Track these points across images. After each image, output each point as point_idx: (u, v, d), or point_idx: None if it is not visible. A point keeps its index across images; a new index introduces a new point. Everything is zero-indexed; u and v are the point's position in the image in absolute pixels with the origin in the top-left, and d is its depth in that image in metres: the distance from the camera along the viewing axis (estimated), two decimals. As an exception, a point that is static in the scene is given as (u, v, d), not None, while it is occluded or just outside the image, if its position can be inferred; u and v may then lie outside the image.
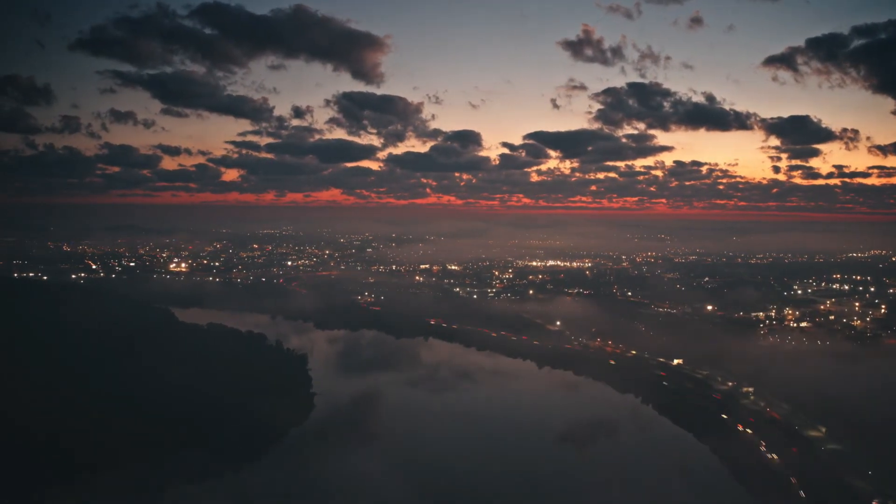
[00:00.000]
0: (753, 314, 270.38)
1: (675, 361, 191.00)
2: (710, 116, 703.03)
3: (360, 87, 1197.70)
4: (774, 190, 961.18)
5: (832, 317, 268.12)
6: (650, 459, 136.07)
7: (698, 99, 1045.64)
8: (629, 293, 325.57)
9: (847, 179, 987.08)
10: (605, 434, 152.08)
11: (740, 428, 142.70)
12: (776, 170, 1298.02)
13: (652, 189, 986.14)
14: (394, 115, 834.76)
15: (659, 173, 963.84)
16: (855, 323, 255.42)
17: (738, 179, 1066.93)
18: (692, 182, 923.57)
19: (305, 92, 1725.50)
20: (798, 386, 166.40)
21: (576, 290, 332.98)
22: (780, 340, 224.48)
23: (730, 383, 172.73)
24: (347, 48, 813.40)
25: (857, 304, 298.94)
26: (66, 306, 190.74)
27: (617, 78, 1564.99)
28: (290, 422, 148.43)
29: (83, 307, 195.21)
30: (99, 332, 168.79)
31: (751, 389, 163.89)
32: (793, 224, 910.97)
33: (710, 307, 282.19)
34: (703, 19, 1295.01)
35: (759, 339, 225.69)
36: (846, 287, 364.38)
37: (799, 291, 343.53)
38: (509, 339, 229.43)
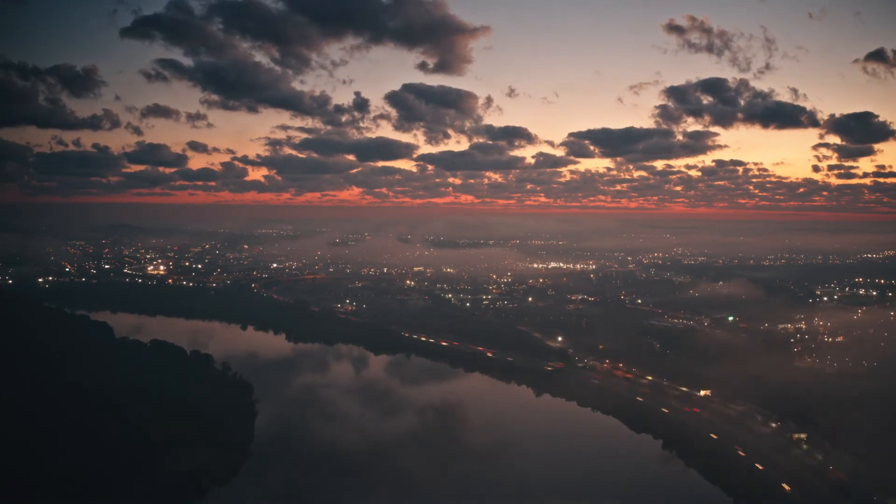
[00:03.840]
0: (781, 326, 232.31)
1: (702, 392, 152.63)
2: (781, 114, 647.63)
3: (438, 78, 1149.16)
4: (801, 189, 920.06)
5: (871, 330, 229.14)
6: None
7: (781, 95, 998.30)
8: (639, 300, 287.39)
9: (881, 179, 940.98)
10: (615, 491, 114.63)
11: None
12: (816, 169, 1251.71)
13: (678, 189, 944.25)
14: (454, 109, 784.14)
15: (694, 173, 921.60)
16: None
17: (770, 179, 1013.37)
18: (721, 182, 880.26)
19: (374, 82, 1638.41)
20: (858, 428, 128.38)
21: (580, 297, 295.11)
22: (818, 362, 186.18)
23: (773, 424, 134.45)
24: (440, 35, 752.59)
25: (892, 313, 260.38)
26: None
27: (711, 69, 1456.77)
28: (213, 476, 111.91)
29: None
30: None
31: (803, 436, 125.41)
32: (803, 224, 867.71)
33: (731, 318, 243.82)
34: (829, 8, 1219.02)
35: (794, 360, 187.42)
36: (873, 293, 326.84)
37: (825, 298, 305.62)
38: (502, 359, 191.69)
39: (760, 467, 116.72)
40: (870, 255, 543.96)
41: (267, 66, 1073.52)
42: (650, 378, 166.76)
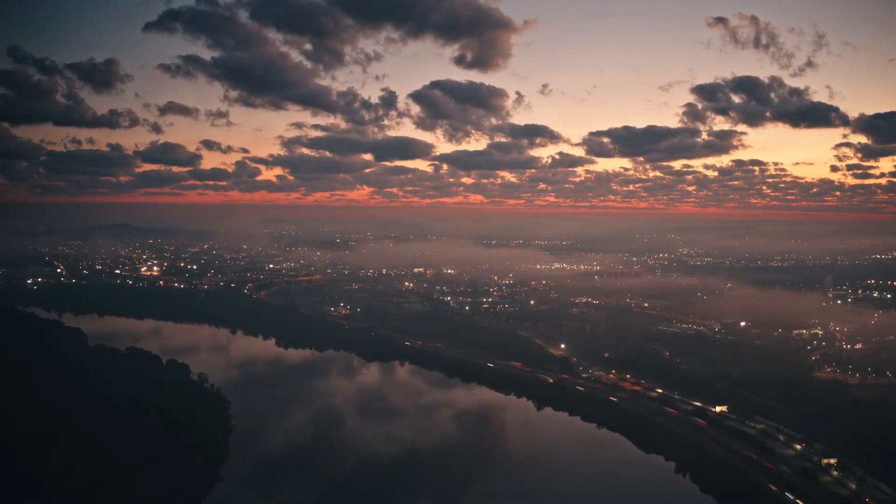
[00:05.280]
0: (795, 332, 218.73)
1: (718, 408, 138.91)
2: (813, 114, 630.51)
3: (474, 74, 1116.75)
4: (814, 190, 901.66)
5: (890, 336, 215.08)
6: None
7: (817, 93, 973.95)
8: (645, 303, 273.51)
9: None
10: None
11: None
12: (834, 169, 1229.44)
13: (691, 189, 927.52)
14: (481, 107, 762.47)
15: (711, 173, 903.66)
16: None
17: (785, 178, 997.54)
18: (736, 182, 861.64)
19: (404, 78, 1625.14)
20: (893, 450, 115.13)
21: (584, 300, 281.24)
22: (840, 372, 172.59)
23: (797, 446, 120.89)
24: (485, 29, 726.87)
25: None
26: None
27: (751, 66, 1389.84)
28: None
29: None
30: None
31: (833, 461, 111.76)
32: (812, 224, 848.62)
33: (742, 323, 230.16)
34: (885, 6, 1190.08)
35: (813, 370, 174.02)
36: (888, 296, 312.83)
37: (838, 301, 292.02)
38: (501, 368, 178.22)
39: (788, 496, 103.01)
40: (879, 256, 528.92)
41: (296, 60, 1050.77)
42: (660, 391, 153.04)
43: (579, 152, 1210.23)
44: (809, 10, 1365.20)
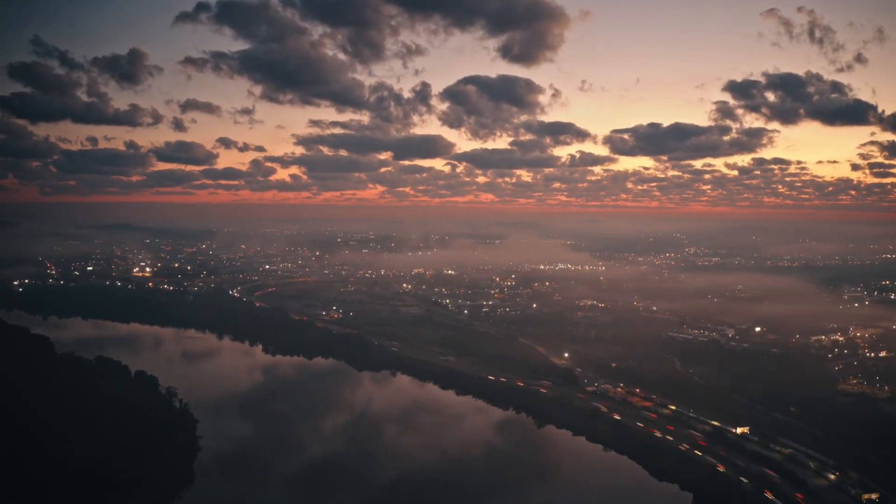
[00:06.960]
0: (814, 338, 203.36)
1: (739, 430, 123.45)
2: (851, 112, 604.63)
3: (515, 69, 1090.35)
4: (829, 189, 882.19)
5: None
6: None
7: (860, 90, 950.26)
8: (654, 307, 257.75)
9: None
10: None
11: None
12: (856, 167, 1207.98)
13: (706, 188, 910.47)
14: (515, 105, 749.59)
15: (730, 171, 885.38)
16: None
17: (803, 177, 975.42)
18: (754, 181, 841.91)
19: (441, 73, 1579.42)
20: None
21: (589, 303, 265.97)
22: (867, 384, 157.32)
23: (830, 475, 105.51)
24: (534, 20, 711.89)
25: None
26: None
27: (798, 62, 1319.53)
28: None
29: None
30: None
31: (874, 497, 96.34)
32: (822, 223, 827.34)
33: (757, 328, 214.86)
34: None
35: (838, 382, 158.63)
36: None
37: (855, 304, 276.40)
38: (500, 379, 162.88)
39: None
40: (888, 256, 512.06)
41: (332, 54, 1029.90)
42: (673, 407, 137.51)
43: (603, 150, 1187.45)
44: (865, 9, 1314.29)
